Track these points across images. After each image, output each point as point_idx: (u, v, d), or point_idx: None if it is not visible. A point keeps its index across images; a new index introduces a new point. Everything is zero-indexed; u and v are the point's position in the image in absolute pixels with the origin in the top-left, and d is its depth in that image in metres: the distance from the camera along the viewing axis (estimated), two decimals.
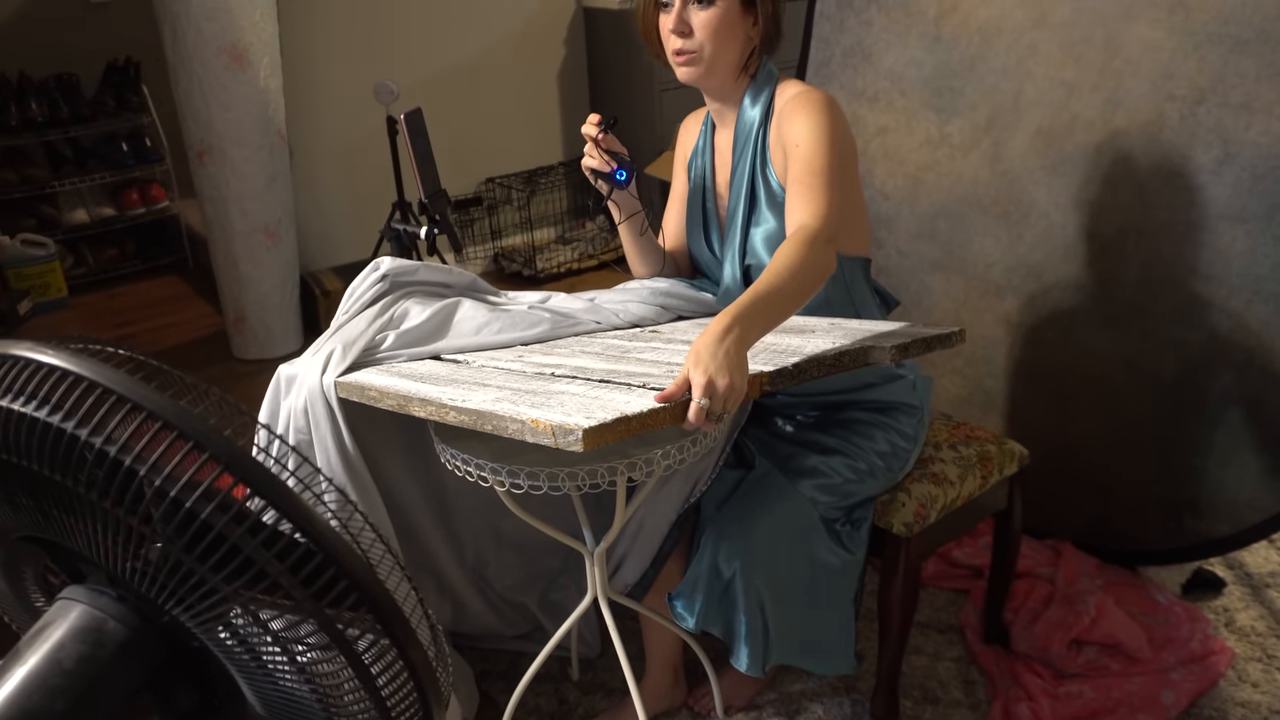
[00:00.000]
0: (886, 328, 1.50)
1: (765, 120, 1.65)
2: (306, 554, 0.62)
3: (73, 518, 0.64)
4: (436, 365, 1.48)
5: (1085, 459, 2.18)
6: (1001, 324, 2.30)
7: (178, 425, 0.59)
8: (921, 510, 1.67)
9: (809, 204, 1.49)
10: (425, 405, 1.25)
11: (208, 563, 0.62)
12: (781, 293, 1.34)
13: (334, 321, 1.63)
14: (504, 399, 1.22)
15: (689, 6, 1.57)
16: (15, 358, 0.64)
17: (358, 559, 0.62)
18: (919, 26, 2.39)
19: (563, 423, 1.09)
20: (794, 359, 1.31)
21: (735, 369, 1.21)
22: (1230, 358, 1.95)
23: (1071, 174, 2.13)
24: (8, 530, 0.71)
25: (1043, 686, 1.87)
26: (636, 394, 1.21)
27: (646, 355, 1.44)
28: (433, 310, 1.59)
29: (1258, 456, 1.95)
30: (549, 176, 4.26)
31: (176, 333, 3.75)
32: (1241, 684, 1.91)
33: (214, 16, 3.05)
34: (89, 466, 0.60)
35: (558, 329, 1.63)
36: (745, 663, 1.59)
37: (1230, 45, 1.88)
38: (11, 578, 0.75)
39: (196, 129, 3.21)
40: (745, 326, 1.26)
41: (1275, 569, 2.22)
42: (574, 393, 1.24)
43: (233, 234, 3.33)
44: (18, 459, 0.62)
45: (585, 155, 1.68)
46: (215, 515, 0.59)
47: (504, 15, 4.05)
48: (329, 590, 0.63)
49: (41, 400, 0.62)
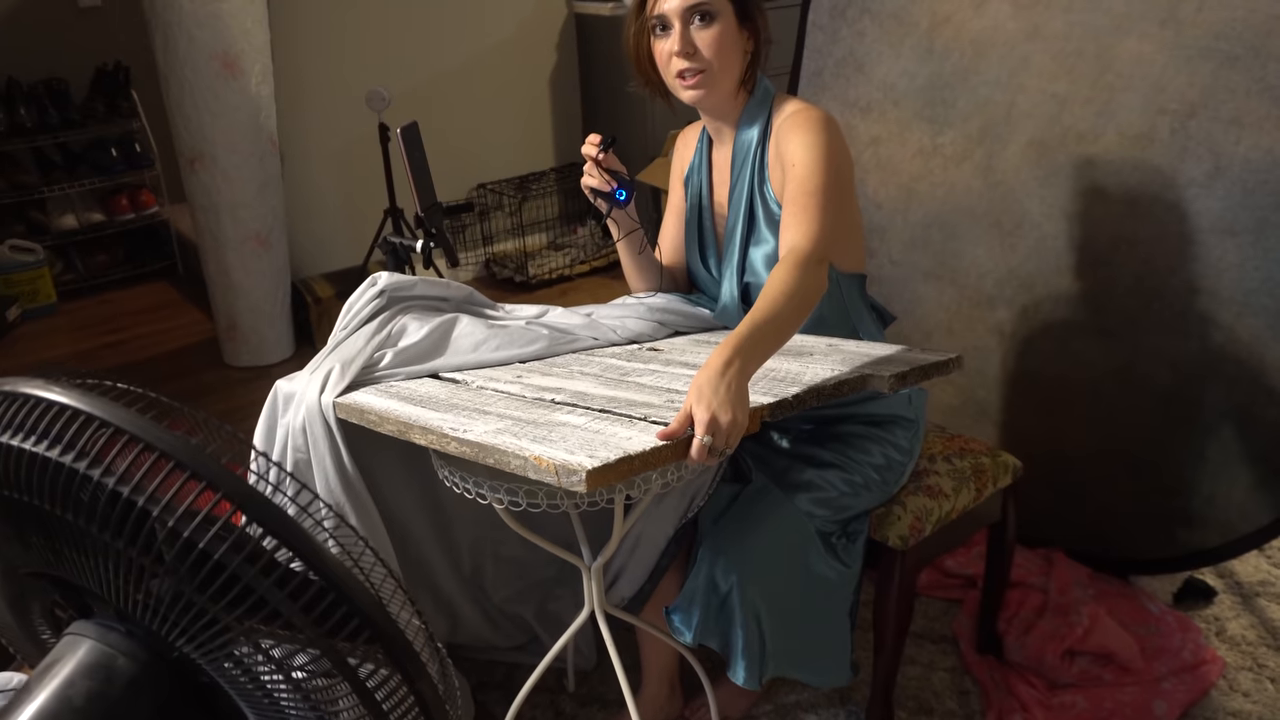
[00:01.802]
0: (883, 352, 1.51)
1: (763, 138, 1.65)
2: (319, 592, 0.62)
3: (84, 555, 0.64)
4: (435, 386, 1.48)
5: (1077, 469, 2.19)
6: (994, 334, 2.32)
7: (190, 465, 0.59)
8: (917, 523, 1.68)
9: (802, 224, 1.50)
10: (426, 434, 1.25)
11: (221, 601, 0.62)
12: (778, 320, 1.35)
13: (331, 337, 1.63)
14: (505, 430, 1.22)
15: (689, 28, 1.58)
16: (26, 395, 0.64)
17: (370, 597, 0.62)
18: (912, 38, 2.40)
19: (566, 462, 1.09)
20: (794, 389, 1.31)
21: (738, 404, 1.22)
22: (1221, 369, 1.97)
23: (1063, 186, 2.15)
24: (16, 566, 0.71)
25: (1037, 697, 1.88)
26: (638, 428, 1.21)
27: (646, 380, 1.45)
28: (430, 327, 1.59)
29: (1248, 468, 1.97)
30: (541, 182, 4.26)
31: (168, 339, 3.74)
32: (1233, 693, 1.92)
33: (205, 24, 3.04)
34: (101, 505, 0.60)
35: (555, 346, 1.64)
36: (742, 676, 1.59)
37: (1221, 60, 1.90)
38: (18, 611, 0.75)
39: (188, 136, 3.20)
40: (745, 358, 1.26)
41: (1265, 578, 2.23)
42: (575, 424, 1.24)
43: (224, 241, 3.32)
44: (30, 498, 0.62)
45: (585, 174, 1.69)
46: (229, 556, 0.60)
47: (496, 21, 4.05)
48: (341, 627, 0.63)
49: (53, 439, 0.62)
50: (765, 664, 1.59)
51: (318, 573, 0.61)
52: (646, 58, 1.65)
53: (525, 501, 1.33)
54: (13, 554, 0.69)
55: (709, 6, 1.56)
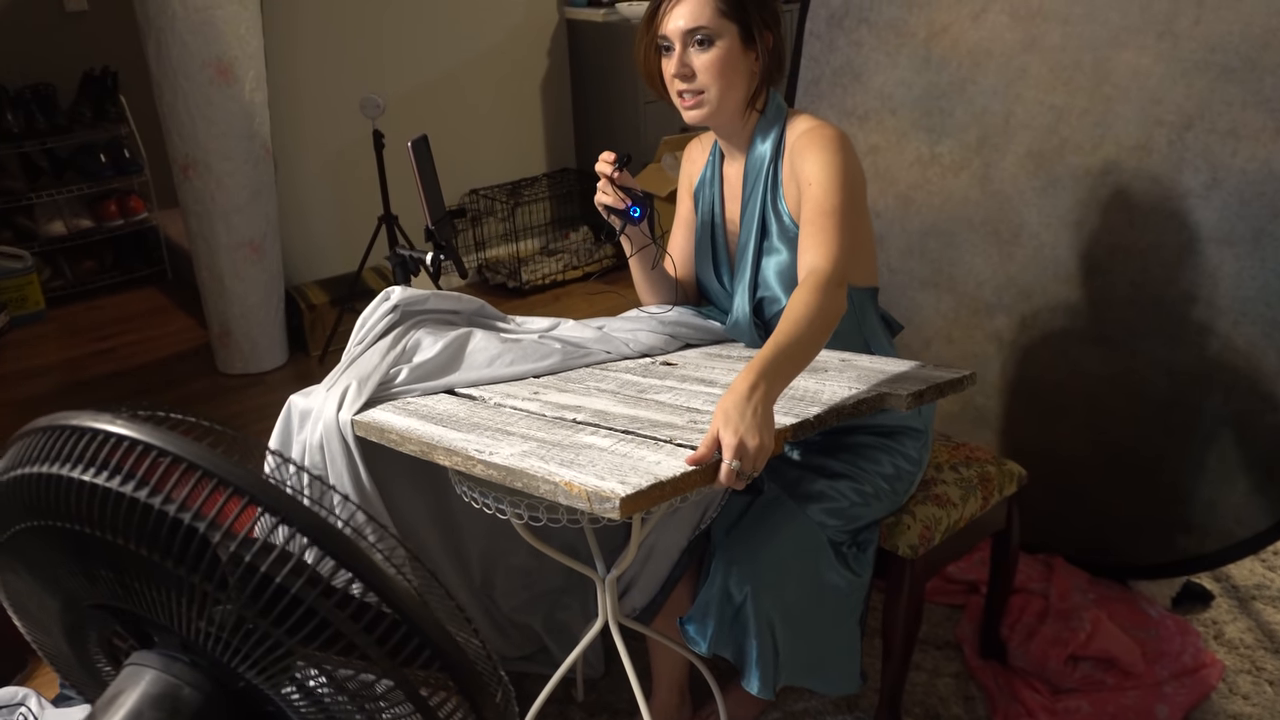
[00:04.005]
0: (897, 368, 1.53)
1: (776, 155, 1.66)
2: (391, 624, 0.63)
3: (153, 587, 0.65)
4: (453, 402, 1.49)
5: (1077, 475, 2.22)
6: (992, 342, 2.34)
7: (263, 498, 0.59)
8: (926, 532, 1.69)
9: (820, 245, 1.51)
10: (451, 455, 1.26)
11: (294, 633, 0.62)
12: (801, 342, 1.37)
13: (346, 353, 1.63)
14: (531, 452, 1.23)
15: (689, 49, 1.58)
16: (83, 429, 0.65)
17: (443, 631, 0.63)
18: (909, 47, 2.42)
19: (598, 489, 1.09)
20: (814, 409, 1.33)
21: (764, 427, 1.24)
22: (1219, 377, 2.00)
23: (1061, 195, 2.17)
24: (79, 598, 0.71)
25: (1041, 702, 1.90)
26: (665, 451, 1.22)
27: (664, 397, 1.46)
28: (445, 342, 1.59)
29: (1246, 474, 2.00)
30: (533, 188, 4.27)
31: (159, 346, 3.72)
32: (1232, 696, 1.95)
33: (199, 30, 3.03)
34: (179, 538, 0.60)
35: (569, 360, 1.64)
36: (756, 685, 1.60)
37: (1217, 73, 1.92)
38: (75, 640, 0.75)
39: (181, 143, 3.18)
40: (770, 381, 1.28)
41: (1260, 581, 2.27)
42: (601, 447, 1.25)
43: (217, 248, 3.31)
44: (97, 531, 0.63)
45: (599, 192, 1.69)
46: (305, 590, 0.60)
47: (488, 27, 4.05)
48: (412, 657, 0.64)
49: (113, 470, 0.63)
50: (779, 673, 1.61)
51: (391, 605, 0.62)
52: (656, 73, 1.66)
53: (545, 516, 1.34)
54: (75, 586, 0.70)
55: (709, 30, 1.56)
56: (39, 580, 0.71)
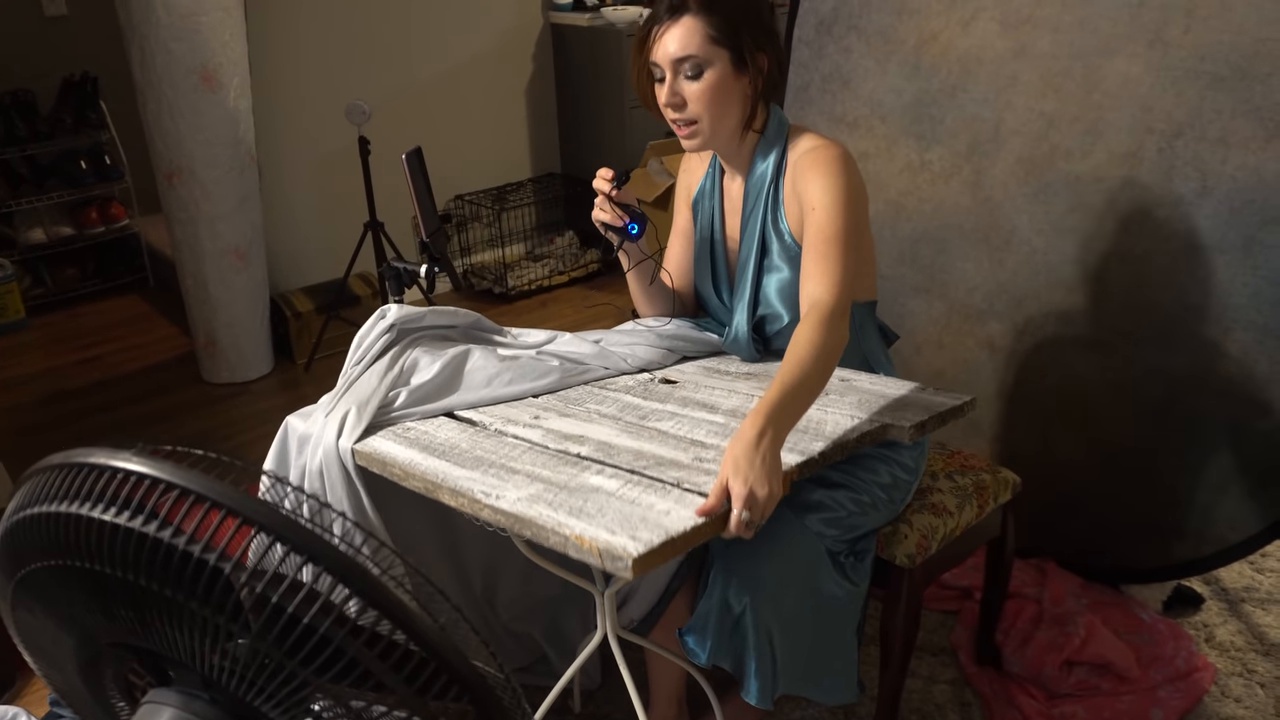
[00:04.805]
0: (897, 391, 1.54)
1: (778, 173, 1.65)
2: (417, 659, 0.62)
3: (171, 625, 0.64)
4: (453, 429, 1.48)
5: (1070, 480, 2.23)
6: (984, 348, 2.35)
7: (292, 539, 0.59)
8: (923, 541, 1.70)
9: (824, 275, 1.51)
10: (457, 497, 1.26)
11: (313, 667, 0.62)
12: (806, 382, 1.37)
13: (343, 373, 1.62)
14: (538, 497, 1.23)
15: (679, 78, 1.56)
16: (97, 466, 0.64)
17: (464, 660, 0.62)
18: (899, 54, 2.43)
19: (610, 546, 1.09)
20: (819, 444, 1.34)
21: (773, 475, 1.24)
22: (1211, 383, 2.01)
23: (1052, 202, 2.18)
24: (96, 636, 0.70)
25: (1037, 708, 1.91)
26: (673, 498, 1.22)
27: (666, 425, 1.46)
28: (443, 363, 1.58)
29: (1239, 479, 2.01)
30: (518, 193, 4.26)
31: (143, 355, 3.68)
32: (1225, 699, 1.97)
33: (183, 37, 3.00)
34: (201, 576, 0.60)
35: (568, 378, 1.64)
36: (755, 695, 1.60)
37: (1207, 81, 1.94)
38: (89, 678, 0.74)
39: (166, 150, 3.15)
40: (778, 426, 1.28)
41: (1250, 584, 2.29)
42: (609, 490, 1.25)
43: (202, 256, 3.28)
44: (119, 571, 0.62)
45: (597, 208, 1.68)
46: (334, 630, 0.59)
47: (473, 32, 4.03)
48: (429, 684, 0.63)
49: (134, 509, 0.62)
50: (777, 683, 1.61)
51: (419, 643, 0.61)
52: (651, 97, 1.64)
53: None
54: (92, 625, 0.69)
55: (698, 59, 1.54)
56: (55, 618, 0.70)
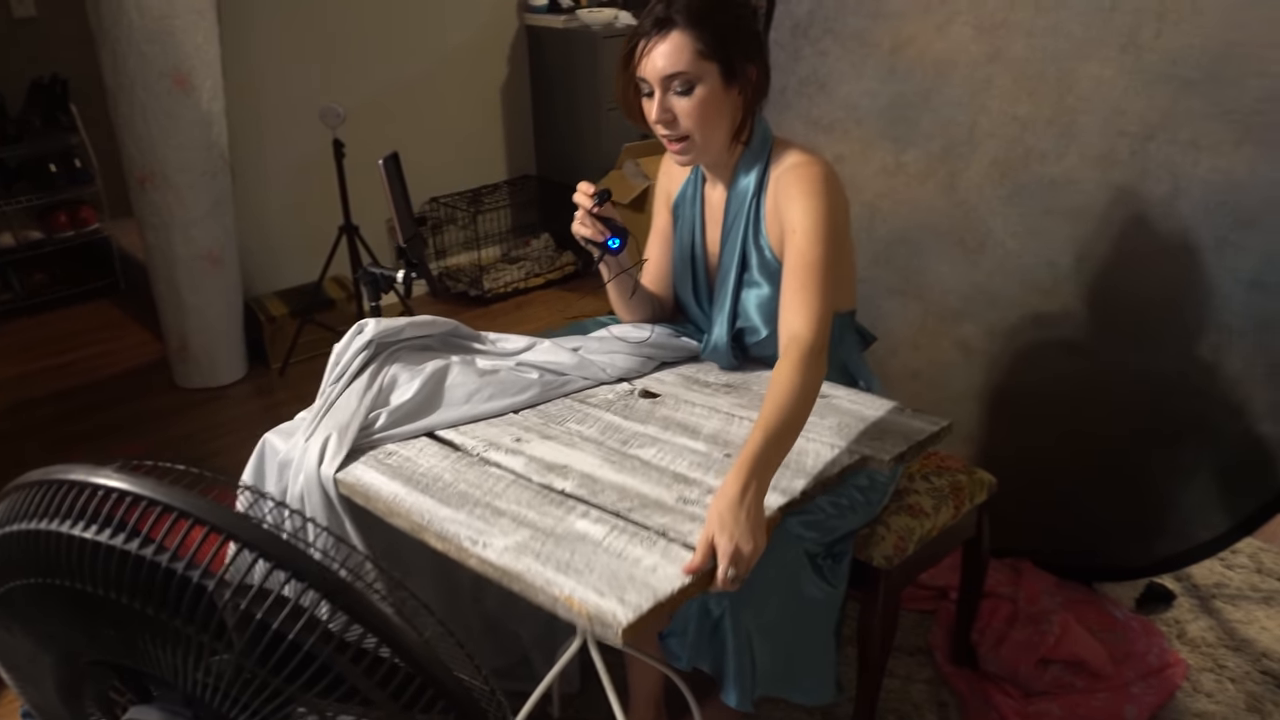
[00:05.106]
0: (874, 411, 1.58)
1: (760, 188, 1.64)
2: (401, 674, 0.62)
3: (154, 642, 0.63)
4: (436, 454, 1.48)
5: (1044, 480, 2.25)
6: (959, 349, 2.37)
7: (279, 558, 0.58)
8: (900, 542, 1.71)
9: (803, 308, 1.50)
10: (444, 541, 1.27)
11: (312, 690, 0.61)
12: (786, 425, 1.37)
13: (322, 391, 1.60)
14: (526, 546, 1.24)
15: (669, 94, 1.54)
16: (80, 483, 0.63)
17: (449, 675, 0.62)
18: (874, 58, 2.44)
19: (599, 610, 1.11)
20: (800, 481, 1.37)
21: (758, 529, 1.25)
22: (1183, 384, 2.03)
23: (1026, 204, 2.20)
24: (77, 654, 0.69)
25: (1014, 706, 1.93)
26: (659, 550, 1.23)
27: (649, 454, 1.47)
28: (422, 380, 1.57)
29: (1209, 478, 2.04)
30: (493, 195, 4.25)
31: (115, 361, 3.64)
32: (1197, 694, 1.99)
33: (156, 40, 2.98)
34: (186, 593, 0.59)
35: (548, 391, 1.64)
36: (735, 698, 1.60)
37: (1179, 85, 1.96)
38: (68, 697, 0.73)
39: (138, 154, 3.12)
40: (760, 478, 1.30)
41: (1220, 580, 2.32)
42: (595, 539, 1.26)
43: (175, 260, 3.25)
44: (102, 590, 0.61)
45: (578, 223, 1.66)
46: (320, 646, 0.59)
47: (447, 35, 4.02)
48: (415, 699, 0.63)
49: (115, 526, 0.61)
50: (757, 685, 1.61)
51: (405, 659, 0.61)
52: (637, 110, 1.62)
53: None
54: (73, 642, 0.68)
55: (688, 76, 1.52)
56: (33, 636, 0.69)
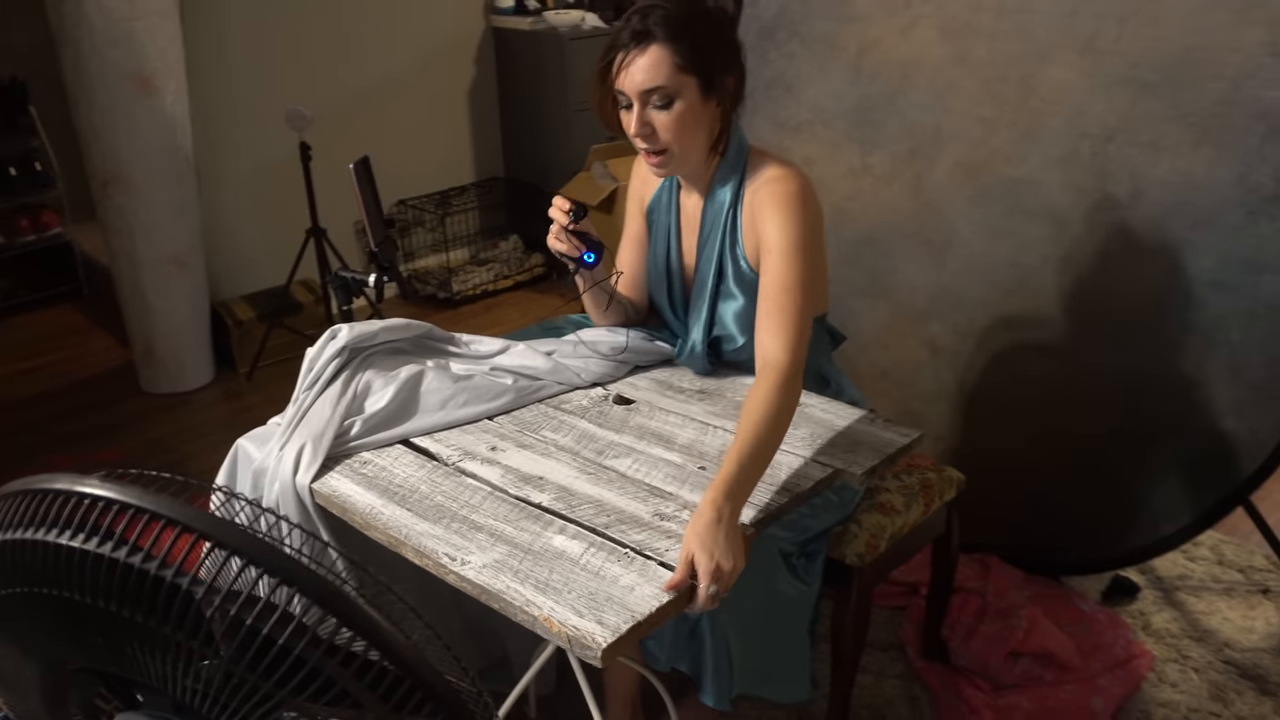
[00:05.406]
0: (843, 420, 1.61)
1: (735, 201, 1.65)
2: (391, 677, 0.63)
3: (142, 649, 0.63)
4: (411, 464, 1.49)
5: (1010, 476, 2.29)
6: (926, 348, 2.40)
7: (264, 562, 0.59)
8: (873, 540, 1.73)
9: (780, 331, 1.51)
10: (422, 557, 1.28)
11: (303, 694, 0.62)
12: (761, 447, 1.39)
13: (295, 397, 1.59)
14: (504, 564, 1.25)
15: (648, 109, 1.54)
16: (62, 491, 0.63)
17: (442, 680, 0.63)
18: (840, 60, 2.47)
19: (578, 632, 1.13)
20: (776, 496, 1.39)
21: (736, 547, 1.28)
22: (1145, 381, 2.07)
23: (991, 205, 2.24)
24: (63, 663, 0.69)
25: (984, 699, 1.96)
26: (636, 569, 1.25)
27: (625, 466, 1.49)
28: (396, 387, 1.57)
29: (1172, 472, 2.08)
30: (461, 197, 4.24)
31: (80, 366, 3.60)
32: (1162, 684, 2.03)
33: (119, 41, 2.95)
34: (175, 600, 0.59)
35: (522, 397, 1.65)
36: (713, 697, 1.62)
37: (1138, 88, 2.00)
38: (53, 705, 0.73)
39: (101, 157, 3.09)
40: (735, 500, 1.32)
41: (1183, 572, 2.36)
42: (572, 556, 1.27)
43: (140, 264, 3.22)
44: (88, 597, 0.61)
45: (553, 237, 1.65)
46: (309, 650, 0.60)
47: (413, 37, 4.01)
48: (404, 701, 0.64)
49: (102, 535, 0.61)
50: (734, 684, 1.63)
51: (391, 659, 0.61)
52: (615, 121, 1.62)
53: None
54: (60, 651, 0.68)
55: (667, 90, 1.52)
56: (18, 646, 0.69)
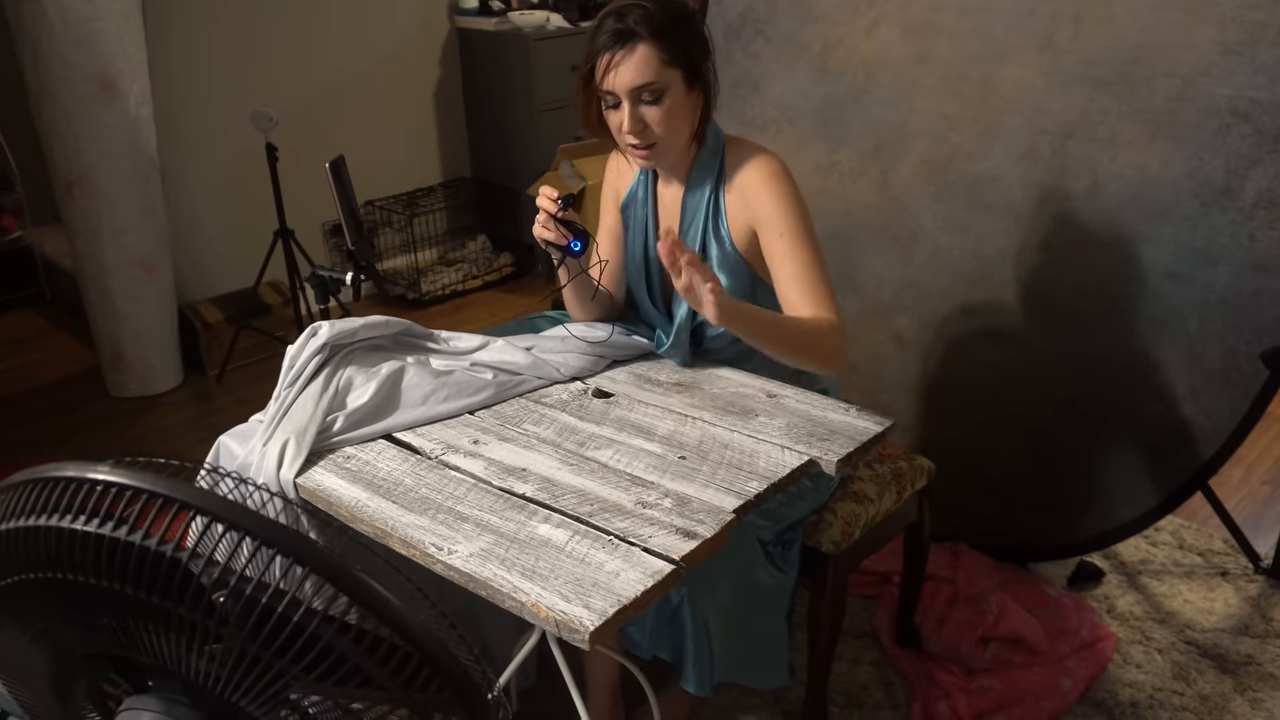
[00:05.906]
0: (819, 410, 1.64)
1: (717, 185, 1.70)
2: (403, 656, 0.65)
3: (154, 631, 0.65)
4: (395, 458, 1.50)
5: (978, 465, 2.34)
6: (893, 341, 2.45)
7: (278, 543, 0.61)
8: (847, 528, 1.77)
9: (823, 300, 1.62)
10: (409, 548, 1.30)
11: (315, 672, 0.64)
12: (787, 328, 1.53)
13: (276, 394, 1.60)
14: (490, 552, 1.27)
15: (638, 105, 1.59)
16: (72, 479, 0.65)
17: (454, 660, 0.65)
18: (805, 59, 2.51)
19: (566, 616, 1.15)
20: (754, 484, 1.43)
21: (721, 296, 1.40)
22: (1106, 369, 2.13)
23: (954, 200, 2.29)
24: (72, 649, 0.70)
25: (956, 683, 2.00)
26: (620, 555, 1.28)
27: (606, 456, 1.51)
28: (378, 382, 1.59)
29: (1133, 459, 2.14)
30: (429, 198, 4.24)
31: (45, 371, 3.56)
32: (1127, 665, 2.09)
33: (81, 42, 2.92)
34: (192, 585, 0.61)
35: (503, 391, 1.67)
36: (694, 684, 1.65)
37: (1094, 85, 2.06)
38: (61, 693, 0.74)
39: (64, 160, 3.06)
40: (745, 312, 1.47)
41: (1145, 557, 2.43)
42: (557, 544, 1.30)
43: (106, 268, 3.20)
44: (103, 580, 0.62)
45: (540, 226, 1.68)
46: (322, 629, 0.61)
47: (378, 37, 4.00)
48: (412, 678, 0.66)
49: (116, 520, 0.63)
50: (714, 671, 1.66)
51: (403, 637, 0.63)
52: (597, 120, 1.67)
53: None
54: (70, 636, 0.69)
55: (657, 85, 1.57)
56: (27, 634, 0.70)
